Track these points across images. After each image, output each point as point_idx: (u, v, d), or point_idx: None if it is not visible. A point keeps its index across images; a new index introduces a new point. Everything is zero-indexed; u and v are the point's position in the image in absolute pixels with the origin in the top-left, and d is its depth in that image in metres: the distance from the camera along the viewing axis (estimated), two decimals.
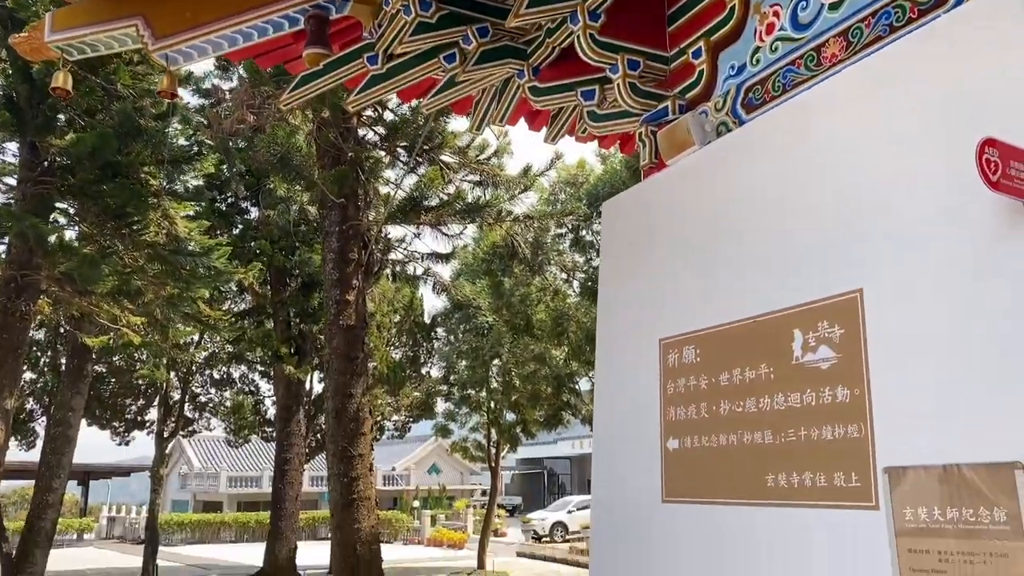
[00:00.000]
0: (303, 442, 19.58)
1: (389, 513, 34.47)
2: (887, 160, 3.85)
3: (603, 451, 5.82)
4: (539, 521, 31.45)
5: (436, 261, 13.72)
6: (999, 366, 3.18)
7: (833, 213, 4.10)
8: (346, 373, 10.75)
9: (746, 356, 4.54)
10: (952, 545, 2.94)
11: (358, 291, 11.00)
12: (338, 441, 10.71)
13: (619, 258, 6.01)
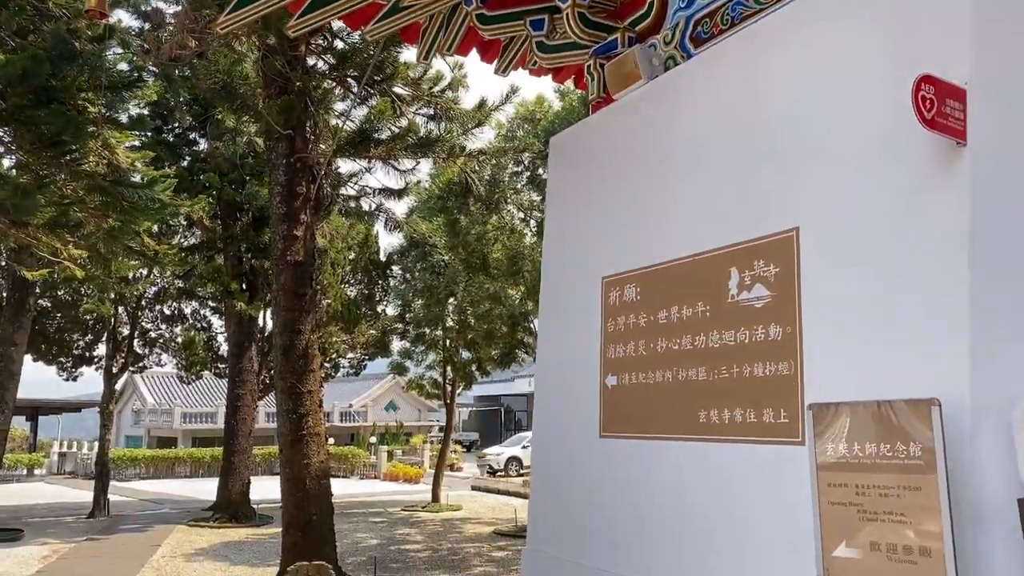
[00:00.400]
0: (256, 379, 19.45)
1: (346, 449, 34.75)
2: (827, 97, 3.79)
3: (544, 388, 5.84)
4: (494, 456, 32.04)
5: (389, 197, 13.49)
6: (923, 307, 3.21)
7: (773, 151, 4.06)
8: (294, 310, 10.59)
9: (684, 294, 4.54)
10: (869, 479, 3.00)
11: (306, 226, 10.76)
12: (287, 378, 10.62)
13: (565, 195, 5.94)
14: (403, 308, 20.20)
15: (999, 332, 3.02)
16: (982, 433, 2.97)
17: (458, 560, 14.34)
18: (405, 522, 19.12)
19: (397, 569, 13.35)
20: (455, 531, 17.78)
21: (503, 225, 17.80)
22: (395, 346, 22.28)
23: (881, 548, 2.94)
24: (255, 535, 16.87)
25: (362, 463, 33.24)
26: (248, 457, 19.25)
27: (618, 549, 4.75)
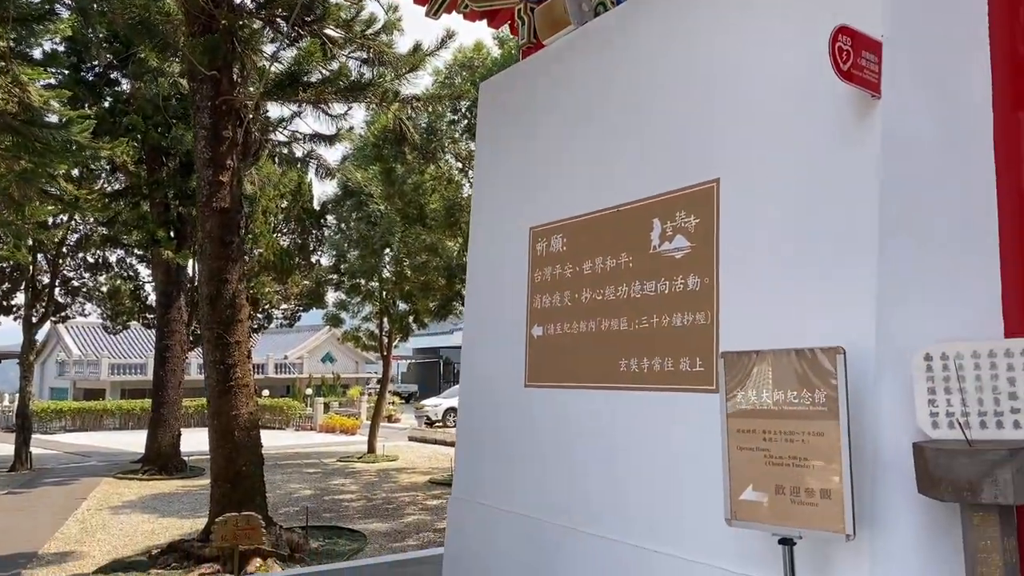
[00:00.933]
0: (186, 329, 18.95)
1: (281, 401, 34.40)
2: (748, 48, 3.78)
3: (472, 338, 5.82)
4: (432, 407, 32.17)
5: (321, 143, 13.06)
6: (833, 258, 3.27)
7: (696, 102, 4.05)
8: (221, 258, 10.27)
9: (608, 245, 4.55)
10: (776, 425, 3.08)
11: (233, 172, 10.39)
12: (213, 328, 10.35)
13: (495, 142, 5.85)
14: (338, 258, 19.83)
15: (904, 284, 3.10)
16: (884, 381, 3.06)
17: (392, 509, 14.44)
18: (340, 473, 19.11)
19: (330, 519, 13.36)
20: (390, 481, 17.87)
21: (440, 175, 17.55)
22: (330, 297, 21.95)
23: (785, 491, 3.03)
24: (185, 487, 16.66)
25: (298, 415, 32.98)
26: (178, 408, 18.86)
27: (542, 495, 4.82)
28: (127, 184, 18.38)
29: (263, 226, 18.90)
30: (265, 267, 19.59)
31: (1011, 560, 2.69)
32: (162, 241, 17.15)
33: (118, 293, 21.04)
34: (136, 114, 16.62)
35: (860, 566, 3.03)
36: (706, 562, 3.68)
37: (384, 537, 11.98)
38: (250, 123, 10.67)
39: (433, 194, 17.70)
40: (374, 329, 21.41)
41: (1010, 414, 2.79)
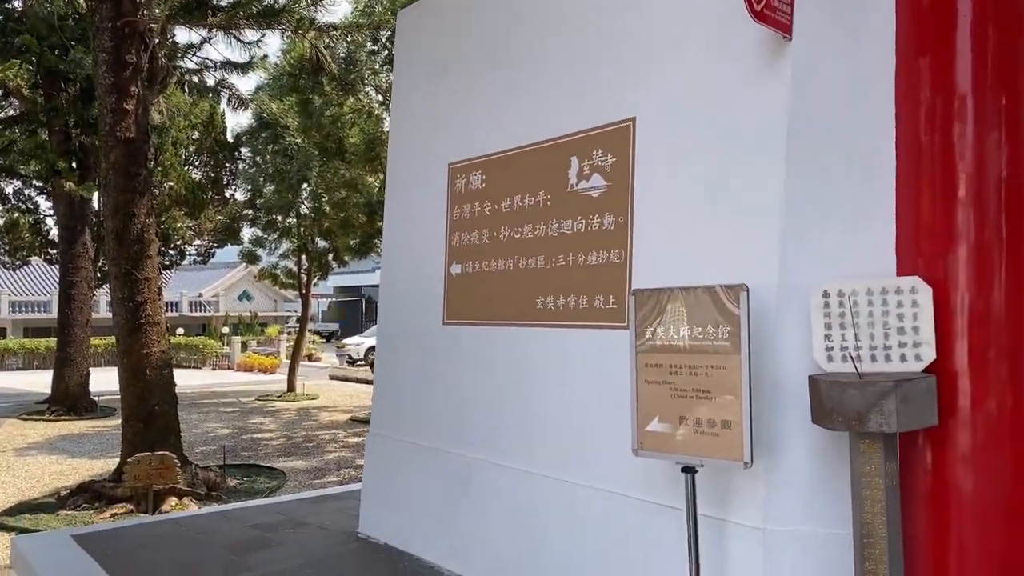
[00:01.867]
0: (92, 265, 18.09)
1: (197, 339, 33.58)
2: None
3: (390, 276, 5.78)
4: (354, 346, 31.97)
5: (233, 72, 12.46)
6: (741, 198, 3.36)
7: (613, 40, 4.03)
8: (127, 191, 9.79)
9: (527, 183, 4.54)
10: (681, 359, 3.19)
11: (138, 99, 9.83)
12: (121, 264, 9.92)
13: (412, 76, 5.70)
14: (253, 193, 19.18)
15: (807, 223, 3.22)
16: (785, 317, 3.20)
17: (313, 447, 14.43)
18: (259, 412, 18.91)
19: (249, 457, 13.26)
20: (311, 419, 17.80)
21: (360, 108, 17.07)
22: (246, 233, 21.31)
23: (688, 422, 3.16)
24: (96, 427, 16.20)
25: (214, 354, 32.29)
26: (86, 347, 18.17)
27: (459, 430, 4.89)
28: (22, 110, 17.21)
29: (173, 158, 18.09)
30: (176, 201, 18.81)
31: (892, 483, 2.89)
32: (63, 172, 16.23)
33: (16, 227, 19.89)
34: (29, 34, 15.47)
35: (756, 491, 3.21)
36: (615, 491, 3.83)
37: (304, 474, 11.98)
38: (156, 48, 10.08)
39: (353, 128, 17.24)
40: (292, 267, 20.98)
41: (898, 348, 2.96)
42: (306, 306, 21.70)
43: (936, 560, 2.99)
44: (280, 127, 17.34)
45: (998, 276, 2.92)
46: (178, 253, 21.74)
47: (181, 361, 31.42)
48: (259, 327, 38.70)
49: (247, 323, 37.88)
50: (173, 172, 17.90)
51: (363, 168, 17.23)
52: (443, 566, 4.85)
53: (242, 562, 4.98)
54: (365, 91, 17.24)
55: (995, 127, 2.95)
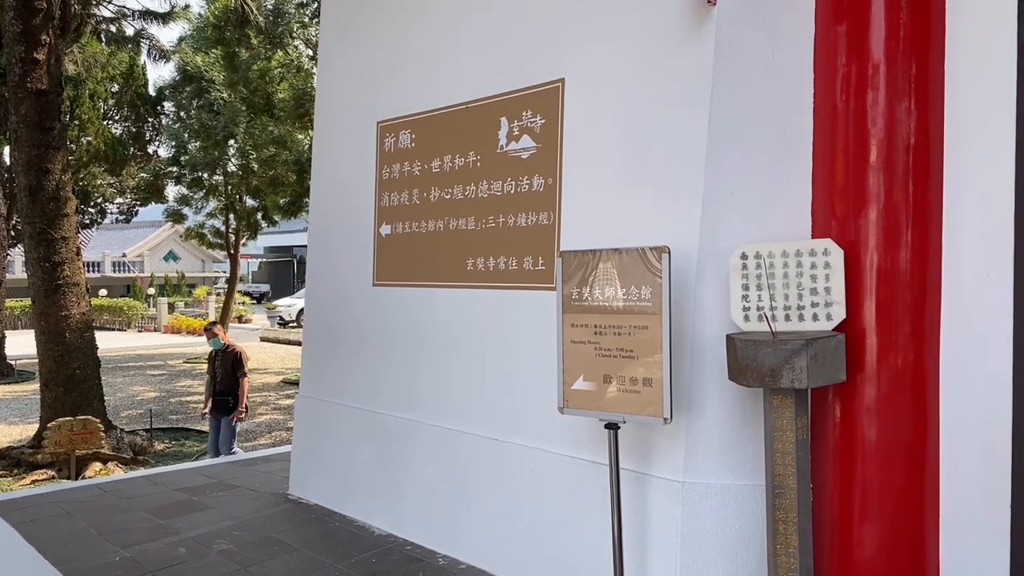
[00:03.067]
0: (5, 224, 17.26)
1: (121, 301, 32.49)
2: None
3: (318, 236, 5.68)
4: (285, 308, 31.38)
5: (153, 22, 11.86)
6: (666, 161, 3.41)
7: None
8: (40, 145, 9.32)
9: (457, 143, 4.51)
10: (606, 319, 3.26)
11: (50, 49, 9.32)
12: (35, 223, 9.49)
13: (340, 30, 5.55)
14: (177, 150, 18.46)
15: (728, 187, 3.29)
16: (706, 278, 3.29)
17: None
18: (187, 374, 18.51)
19: (177, 420, 13.01)
20: None
21: (289, 62, 16.56)
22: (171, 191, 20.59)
23: (612, 380, 3.24)
24: (13, 392, 15.62)
25: (140, 316, 31.33)
26: (1, 310, 17.42)
27: (388, 391, 4.90)
28: None
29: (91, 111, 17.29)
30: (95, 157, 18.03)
31: (803, 436, 3.03)
32: None
33: None
34: None
35: (676, 445, 3.33)
36: (542, 448, 3.91)
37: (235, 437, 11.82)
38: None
39: (281, 83, 16.73)
40: (220, 226, 20.40)
41: (810, 308, 3.08)
42: (235, 266, 21.19)
43: (842, 507, 3.16)
44: (205, 81, 16.70)
45: (904, 237, 3.06)
46: (98, 211, 20.91)
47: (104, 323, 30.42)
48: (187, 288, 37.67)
49: (174, 284, 36.81)
50: (91, 126, 17.13)
51: (292, 125, 16.79)
52: (374, 525, 4.89)
53: (168, 526, 4.92)
54: (294, 45, 16.74)
55: (905, 95, 3.06)
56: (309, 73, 16.68)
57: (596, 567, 3.60)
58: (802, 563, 3.01)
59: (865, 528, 3.12)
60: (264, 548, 4.52)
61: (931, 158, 3.05)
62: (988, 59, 2.95)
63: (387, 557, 4.37)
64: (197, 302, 34.63)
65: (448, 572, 4.15)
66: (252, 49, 15.52)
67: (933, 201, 3.06)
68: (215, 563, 4.29)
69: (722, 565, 3.28)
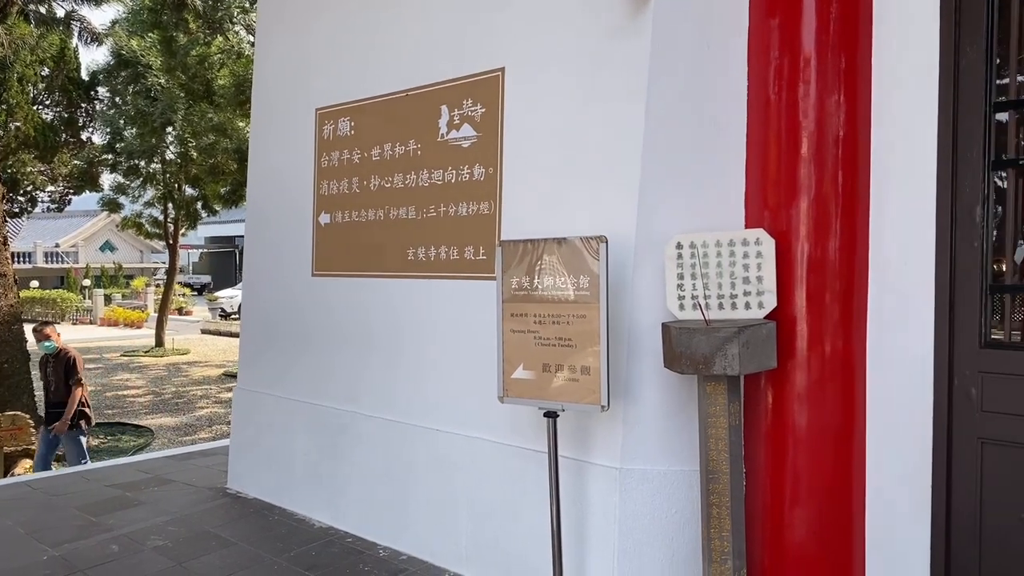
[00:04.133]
0: None
1: (54, 292, 31.41)
2: None
3: (256, 226, 5.57)
4: (227, 299, 30.71)
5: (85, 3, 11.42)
6: (603, 151, 3.43)
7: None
8: None
9: (397, 131, 4.47)
10: (545, 309, 3.27)
11: None
12: None
13: (278, 14, 5.44)
14: (113, 136, 17.90)
15: (664, 177, 3.33)
16: (642, 267, 3.33)
17: (183, 403, 13.93)
18: (124, 368, 18.03)
19: (114, 415, 12.66)
20: (181, 375, 17.13)
21: (229, 48, 16.18)
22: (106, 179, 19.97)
23: (551, 369, 3.25)
24: None
25: (74, 308, 30.36)
26: None
27: (328, 383, 4.84)
28: None
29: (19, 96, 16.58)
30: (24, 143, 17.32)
31: (736, 422, 3.09)
32: None
33: None
34: None
35: (613, 432, 3.37)
36: (483, 437, 3.91)
37: (173, 431, 11.57)
38: None
39: (221, 69, 16.35)
40: (158, 216, 19.89)
41: (743, 296, 3.14)
42: (174, 257, 20.70)
43: (774, 492, 3.24)
44: (141, 66, 16.21)
45: (833, 227, 3.14)
46: (28, 200, 20.13)
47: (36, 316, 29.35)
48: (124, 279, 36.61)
49: (111, 275, 35.75)
50: (20, 111, 16.44)
51: (233, 112, 16.42)
52: (314, 518, 4.83)
53: (100, 523, 4.78)
54: (234, 30, 16.36)
55: (835, 88, 3.14)
56: (250, 59, 16.29)
57: (536, 554, 3.62)
58: (735, 546, 3.07)
59: (796, 511, 3.20)
60: (200, 543, 4.43)
61: (859, 150, 3.14)
62: (911, 53, 3.04)
63: (327, 550, 4.33)
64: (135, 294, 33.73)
65: (389, 563, 4.13)
66: (190, 34, 15.11)
67: (860, 192, 3.15)
68: (149, 560, 4.19)
69: (658, 549, 3.34)
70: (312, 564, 4.11)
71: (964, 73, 2.95)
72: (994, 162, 2.94)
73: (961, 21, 2.96)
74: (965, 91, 2.95)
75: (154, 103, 16.35)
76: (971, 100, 2.94)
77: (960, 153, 2.96)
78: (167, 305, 20.70)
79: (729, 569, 3.06)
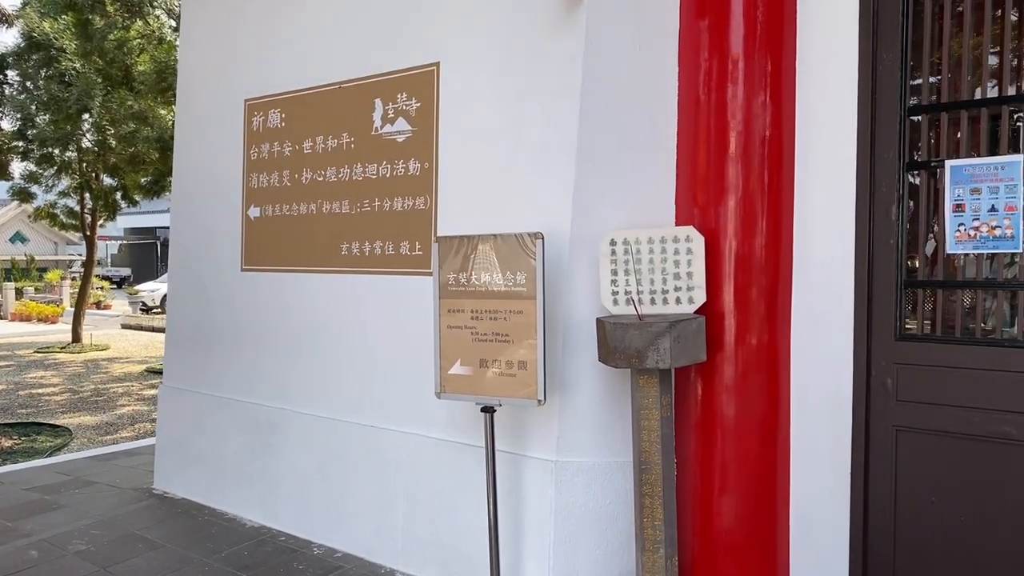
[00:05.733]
0: None
1: None
2: None
3: (182, 219, 5.41)
4: (149, 292, 29.68)
5: None
6: (539, 148, 3.47)
7: None
8: None
9: (330, 124, 4.40)
10: (482, 304, 3.28)
11: None
12: None
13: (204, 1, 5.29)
14: (24, 123, 17.04)
15: (598, 175, 3.39)
16: (577, 263, 3.38)
17: (103, 401, 13.41)
18: (39, 365, 17.23)
19: (28, 415, 12.10)
20: (101, 371, 16.48)
21: (150, 33, 15.60)
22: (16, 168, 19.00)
23: (488, 364, 3.28)
24: None
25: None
26: None
27: (258, 380, 4.75)
28: None
29: None
30: None
31: (667, 414, 3.18)
32: None
33: None
34: None
35: (550, 426, 3.41)
36: (420, 432, 3.91)
37: (94, 431, 11.13)
38: None
39: (142, 54, 15.74)
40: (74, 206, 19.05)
41: (673, 292, 3.23)
42: (92, 249, 19.86)
43: (703, 480, 3.35)
44: (55, 49, 15.47)
45: (760, 225, 3.25)
46: None
47: None
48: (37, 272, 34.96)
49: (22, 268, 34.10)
50: None
51: (155, 99, 15.84)
52: (246, 517, 4.74)
53: (18, 528, 4.59)
54: (155, 15, 15.78)
55: (761, 89, 3.24)
56: (172, 45, 15.76)
57: (473, 547, 3.65)
58: (667, 534, 3.16)
59: (724, 499, 3.32)
60: (126, 546, 4.30)
61: (784, 150, 3.25)
62: (833, 57, 3.17)
63: (260, 549, 4.26)
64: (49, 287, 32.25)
65: (324, 561, 4.10)
66: (108, 17, 14.50)
67: (786, 191, 3.26)
68: (71, 565, 4.05)
69: (592, 540, 3.41)
70: (245, 564, 4.04)
71: (881, 77, 3.09)
72: (908, 163, 3.10)
73: (878, 28, 3.10)
74: (882, 95, 3.10)
75: (69, 88, 15.63)
76: (887, 104, 3.09)
77: (877, 154, 3.11)
78: (85, 299, 19.87)
79: (661, 557, 3.15)
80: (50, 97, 15.82)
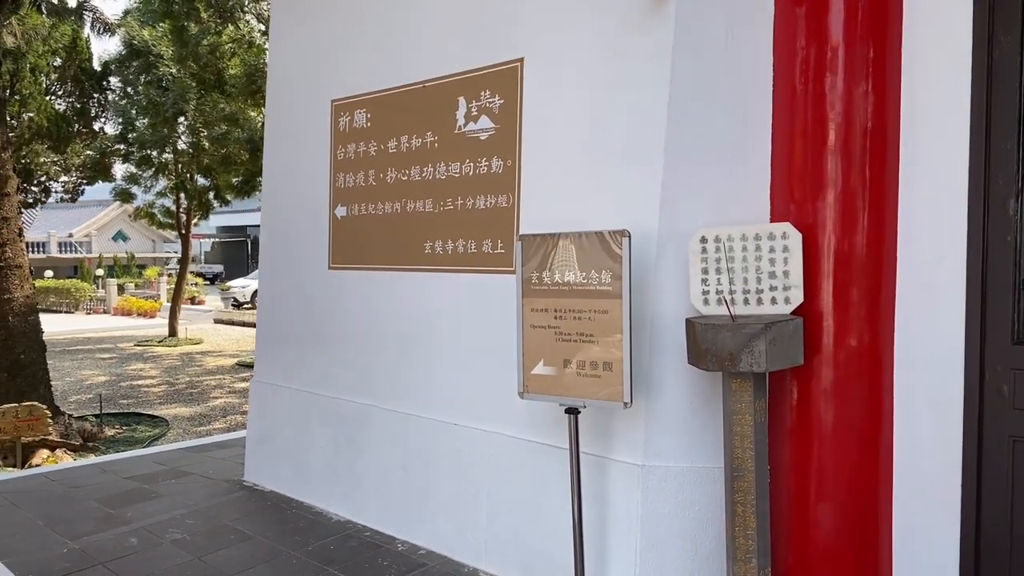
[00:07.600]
0: None
1: (68, 282, 31.59)
2: None
3: (272, 219, 5.54)
4: (240, 289, 30.83)
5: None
6: (625, 144, 3.38)
7: None
8: None
9: (414, 123, 4.42)
10: (566, 303, 3.22)
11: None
12: None
13: (292, 4, 5.39)
14: (125, 127, 17.91)
15: (687, 170, 3.27)
16: (665, 262, 3.28)
17: (197, 393, 13.98)
18: (138, 357, 18.11)
19: (129, 405, 12.72)
20: (195, 364, 17.20)
21: (241, 37, 16.14)
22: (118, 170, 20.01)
23: (572, 365, 3.22)
24: None
25: (88, 297, 30.52)
26: None
27: (345, 376, 4.82)
28: None
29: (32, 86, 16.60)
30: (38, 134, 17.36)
31: (761, 419, 3.05)
32: None
33: None
34: None
35: (636, 429, 3.33)
36: (502, 432, 3.89)
37: (188, 422, 11.62)
38: None
39: (233, 58, 16.33)
40: (171, 205, 19.94)
41: (768, 291, 3.09)
42: (187, 247, 20.76)
43: (798, 488, 3.20)
44: (153, 56, 16.20)
45: (861, 221, 3.08)
46: (42, 190, 20.19)
47: (51, 306, 29.60)
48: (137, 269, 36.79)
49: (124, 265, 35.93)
50: (33, 102, 16.46)
51: (244, 102, 16.41)
52: (332, 511, 4.82)
53: (119, 516, 4.79)
54: (245, 19, 16.32)
55: (863, 78, 3.07)
56: (261, 48, 16.28)
57: (556, 550, 3.60)
58: (760, 544, 3.04)
59: (821, 508, 3.16)
60: (219, 536, 4.43)
61: (887, 142, 3.07)
62: (943, 42, 2.96)
63: (345, 543, 4.32)
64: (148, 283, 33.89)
65: (407, 557, 4.12)
66: (201, 23, 15.07)
67: (889, 185, 3.08)
68: (168, 553, 4.19)
69: (681, 547, 3.31)
70: (331, 558, 4.11)
71: (998, 63, 2.88)
72: None
73: (995, 8, 2.89)
74: (999, 82, 2.88)
75: (166, 93, 16.34)
76: (1006, 90, 2.87)
77: (993, 145, 2.89)
78: (180, 294, 20.77)
79: (754, 568, 3.03)
80: (149, 101, 16.57)
